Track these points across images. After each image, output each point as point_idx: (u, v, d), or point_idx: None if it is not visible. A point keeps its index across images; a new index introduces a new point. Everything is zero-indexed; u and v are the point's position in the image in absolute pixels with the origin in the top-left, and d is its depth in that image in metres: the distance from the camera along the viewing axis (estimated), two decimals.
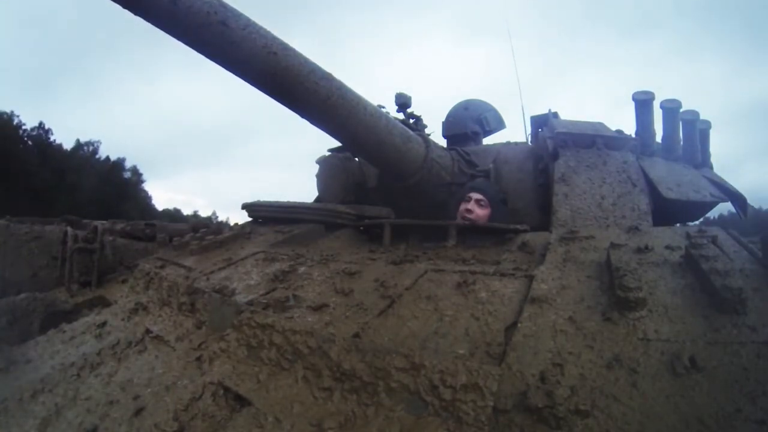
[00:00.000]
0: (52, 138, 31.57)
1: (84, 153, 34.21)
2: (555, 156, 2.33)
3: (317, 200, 3.09)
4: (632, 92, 2.58)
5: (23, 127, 30.24)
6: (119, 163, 35.71)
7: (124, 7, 1.33)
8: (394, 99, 2.96)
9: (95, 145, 34.75)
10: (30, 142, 30.51)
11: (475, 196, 2.19)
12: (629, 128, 2.63)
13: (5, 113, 29.77)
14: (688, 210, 2.51)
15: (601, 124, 2.53)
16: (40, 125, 30.99)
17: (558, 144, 2.34)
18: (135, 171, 37.44)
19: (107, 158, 35.13)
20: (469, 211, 2.13)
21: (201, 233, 2.31)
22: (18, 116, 30.03)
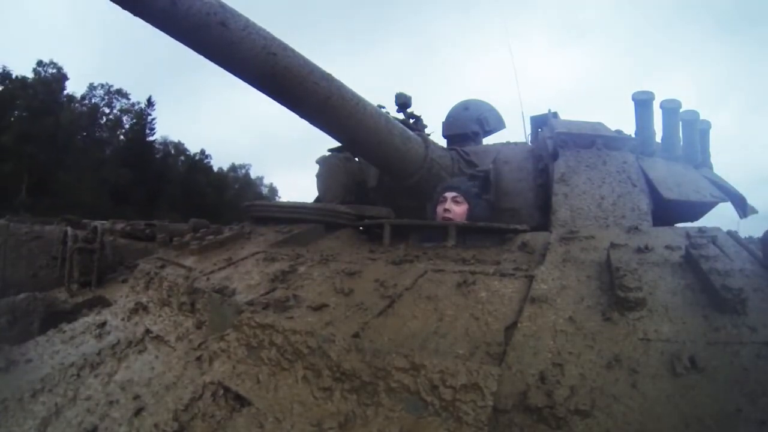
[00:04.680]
0: (210, 162, 40.05)
1: (236, 174, 43.34)
2: (555, 156, 2.33)
3: (317, 200, 3.09)
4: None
5: (187, 153, 38.31)
6: (257, 180, 44.94)
7: (124, 7, 1.33)
8: (394, 99, 2.96)
9: (246, 168, 44.89)
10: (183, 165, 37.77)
11: (450, 194, 2.16)
12: (629, 128, 2.64)
13: (173, 142, 36.92)
14: (688, 210, 2.51)
15: (600, 124, 2.53)
16: (202, 151, 39.66)
17: (558, 144, 2.34)
18: (271, 187, 45.83)
19: (247, 173, 44.44)
20: (446, 210, 2.11)
21: (201, 233, 2.31)
22: (183, 143, 38.13)
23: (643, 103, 2.55)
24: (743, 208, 2.72)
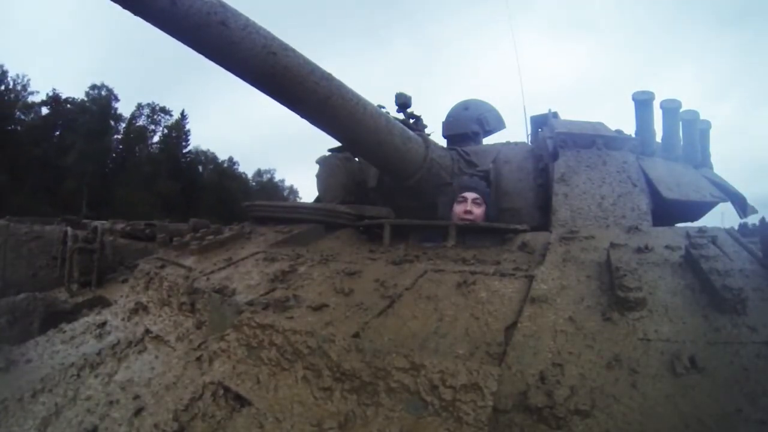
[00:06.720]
0: (238, 168, 41.62)
1: (261, 179, 45.06)
2: (555, 156, 2.33)
3: (317, 200, 3.09)
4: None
5: (217, 161, 39.78)
6: (279, 184, 46.83)
7: (124, 7, 1.33)
8: (394, 99, 2.96)
9: (271, 173, 46.74)
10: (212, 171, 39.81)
11: (471, 195, 2.16)
12: (629, 128, 2.63)
13: (204, 152, 38.41)
14: (688, 210, 2.51)
15: (600, 124, 2.53)
16: (230, 159, 41.33)
17: (558, 144, 2.34)
18: (291, 189, 47.38)
19: (271, 178, 45.88)
20: (468, 212, 2.12)
21: (201, 233, 2.30)
22: (213, 152, 39.51)
23: (643, 103, 2.55)
24: (743, 208, 2.72)
